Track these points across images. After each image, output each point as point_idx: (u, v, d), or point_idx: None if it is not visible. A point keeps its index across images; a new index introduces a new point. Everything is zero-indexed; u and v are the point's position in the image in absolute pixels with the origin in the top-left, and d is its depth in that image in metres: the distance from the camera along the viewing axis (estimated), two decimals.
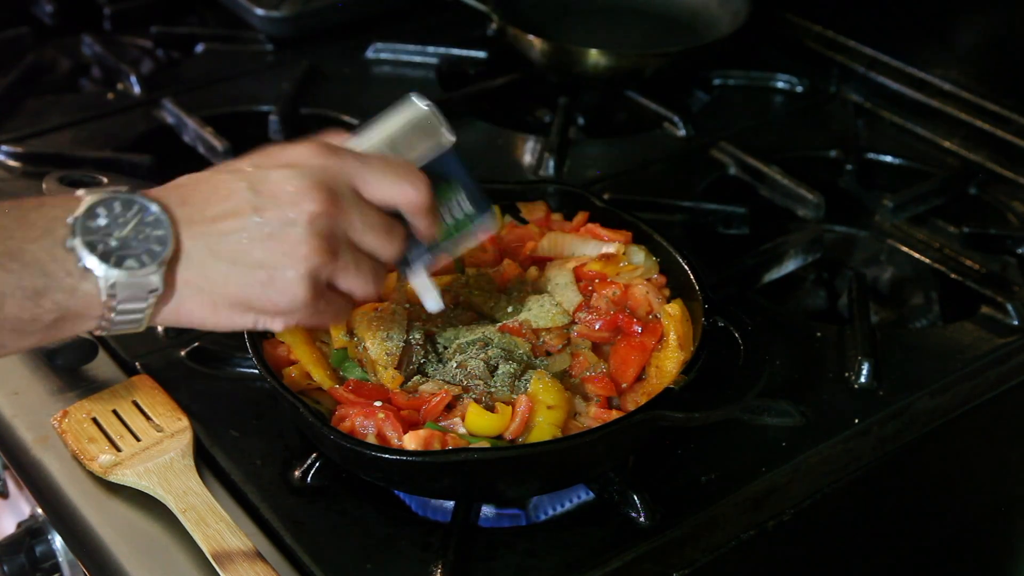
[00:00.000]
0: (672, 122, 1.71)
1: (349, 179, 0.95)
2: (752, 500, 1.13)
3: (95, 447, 1.13)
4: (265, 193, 0.92)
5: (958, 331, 1.34)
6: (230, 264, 0.92)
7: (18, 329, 0.87)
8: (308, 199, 0.91)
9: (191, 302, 0.93)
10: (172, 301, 0.92)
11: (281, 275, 0.92)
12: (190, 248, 0.91)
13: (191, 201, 0.92)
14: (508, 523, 1.12)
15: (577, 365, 1.13)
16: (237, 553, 1.01)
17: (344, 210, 0.94)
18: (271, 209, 0.91)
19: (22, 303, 0.86)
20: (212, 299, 0.93)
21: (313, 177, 0.92)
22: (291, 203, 0.91)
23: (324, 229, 0.92)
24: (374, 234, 0.97)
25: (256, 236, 0.91)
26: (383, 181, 0.97)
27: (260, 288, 0.92)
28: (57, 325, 0.89)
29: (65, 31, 1.98)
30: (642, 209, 1.46)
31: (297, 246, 0.91)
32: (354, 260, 0.96)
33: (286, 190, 0.92)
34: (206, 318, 0.94)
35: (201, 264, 0.91)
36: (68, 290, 0.87)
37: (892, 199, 1.54)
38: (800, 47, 1.88)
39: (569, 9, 1.93)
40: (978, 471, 1.41)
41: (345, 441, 1.01)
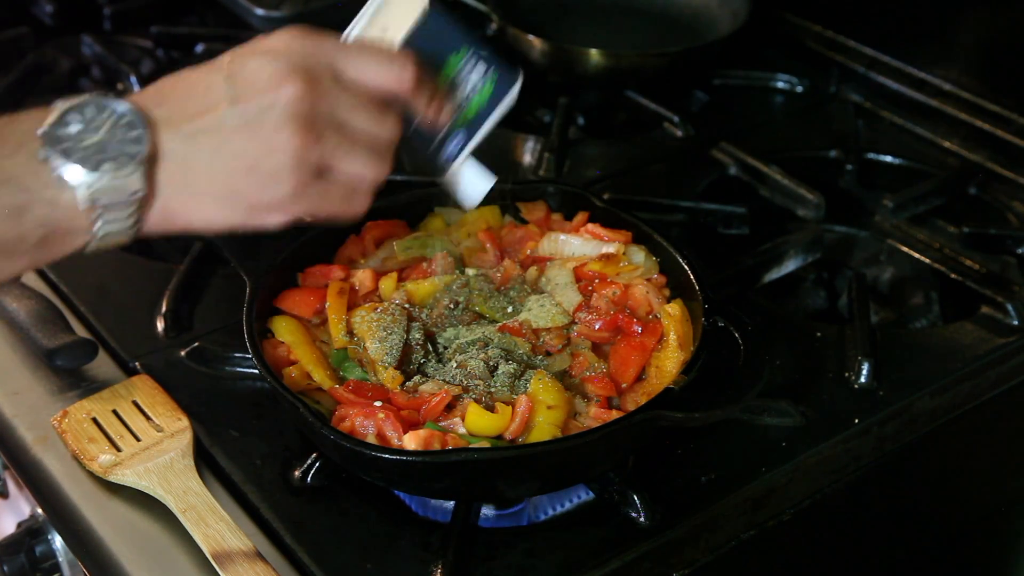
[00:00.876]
0: (672, 122, 1.71)
1: (329, 61, 0.93)
2: (752, 500, 1.13)
3: (95, 447, 1.13)
4: (241, 82, 0.89)
5: (958, 331, 1.34)
6: (211, 156, 0.89)
7: (5, 251, 0.85)
8: (285, 82, 0.89)
9: (176, 201, 0.90)
10: (158, 202, 0.89)
11: (264, 161, 0.90)
12: (169, 146, 0.88)
13: (168, 101, 0.90)
14: (508, 523, 1.12)
15: (577, 365, 1.13)
16: (237, 553, 1.01)
17: (325, 91, 0.91)
18: (248, 97, 0.89)
19: (4, 223, 0.83)
20: (198, 195, 0.90)
21: (290, 61, 0.90)
22: (267, 89, 0.89)
23: (304, 111, 0.89)
24: (364, 112, 0.94)
25: (235, 125, 0.89)
26: (363, 64, 0.94)
27: (245, 177, 0.90)
28: (46, 243, 0.86)
29: (65, 31, 1.97)
30: (642, 209, 1.46)
31: (277, 130, 0.89)
32: (346, 141, 0.93)
33: (262, 77, 0.89)
34: (194, 216, 0.91)
35: (182, 160, 0.89)
36: (49, 203, 0.84)
37: (892, 199, 1.54)
38: (800, 47, 1.88)
39: (569, 9, 1.93)
40: (978, 471, 1.41)
41: (345, 441, 1.01)
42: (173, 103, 0.90)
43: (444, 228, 1.30)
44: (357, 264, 1.25)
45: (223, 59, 0.93)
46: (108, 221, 0.87)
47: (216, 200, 0.91)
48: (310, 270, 1.22)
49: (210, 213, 0.92)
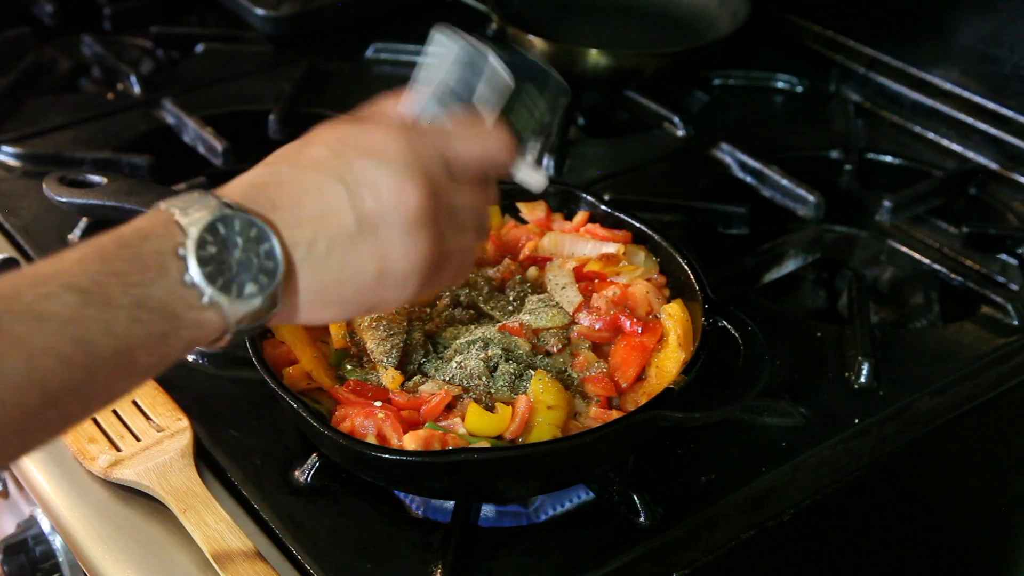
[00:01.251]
0: (672, 122, 1.71)
1: (438, 158, 0.91)
2: (752, 500, 1.13)
3: (95, 447, 1.13)
4: (359, 189, 0.87)
5: (958, 331, 1.34)
6: (340, 267, 0.88)
7: (150, 372, 0.84)
8: (407, 192, 0.87)
9: (306, 308, 0.89)
10: (287, 309, 0.89)
11: (393, 267, 0.89)
12: (299, 256, 0.87)
13: (282, 204, 0.87)
14: (508, 523, 1.12)
15: (577, 365, 1.13)
16: (237, 553, 1.01)
17: (443, 191, 0.90)
18: (370, 206, 0.87)
19: (152, 349, 0.81)
20: (325, 302, 0.90)
21: (406, 167, 0.88)
22: (392, 198, 0.87)
23: (429, 216, 0.89)
24: (472, 195, 0.94)
25: (361, 236, 0.87)
26: (470, 150, 0.94)
27: (374, 286, 0.89)
28: (183, 354, 0.85)
29: (65, 31, 1.98)
30: (642, 209, 1.45)
31: (405, 239, 0.88)
32: (458, 229, 0.93)
33: (382, 184, 0.87)
34: (319, 317, 0.91)
35: (311, 271, 0.87)
36: (195, 326, 0.83)
37: (892, 199, 1.54)
38: (800, 47, 1.88)
39: (569, 9, 1.93)
40: (978, 471, 1.41)
41: (345, 441, 1.01)
42: (288, 207, 0.87)
43: None
44: None
45: (321, 153, 0.89)
46: (242, 331, 0.86)
47: (344, 305, 0.91)
48: None
49: (331, 315, 0.92)
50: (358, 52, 1.90)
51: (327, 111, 1.72)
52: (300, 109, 1.73)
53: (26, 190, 1.54)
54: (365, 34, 1.92)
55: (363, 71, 1.88)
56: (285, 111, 1.70)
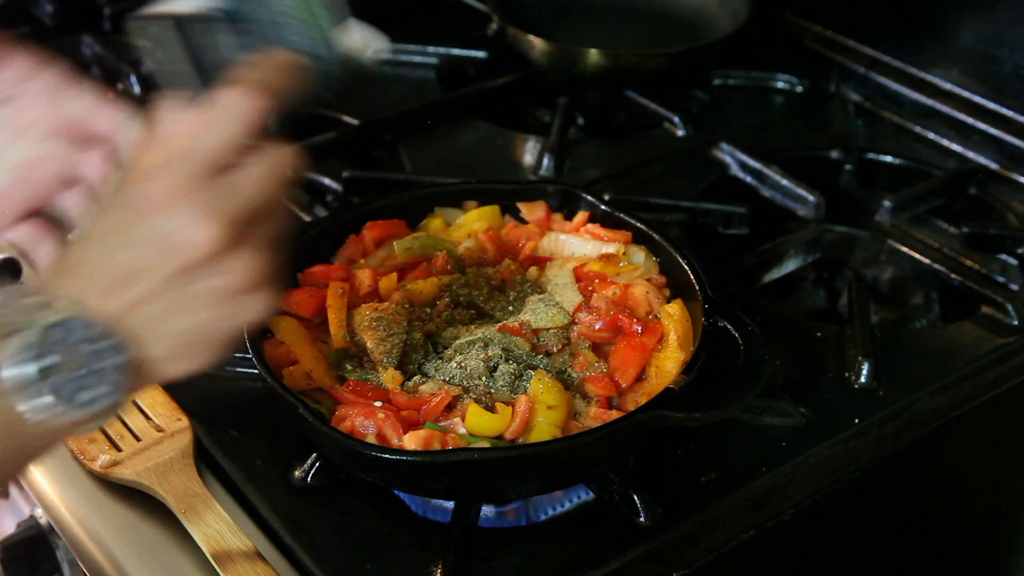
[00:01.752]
0: (672, 122, 1.71)
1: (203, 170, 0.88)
2: (752, 500, 1.13)
3: (95, 447, 1.13)
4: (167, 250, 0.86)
5: (958, 331, 1.34)
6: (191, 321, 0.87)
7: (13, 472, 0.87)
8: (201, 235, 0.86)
9: (168, 367, 0.89)
10: (149, 378, 0.89)
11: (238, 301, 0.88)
12: (140, 334, 0.86)
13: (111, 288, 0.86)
14: (508, 523, 1.12)
15: (577, 365, 1.13)
16: (237, 553, 1.01)
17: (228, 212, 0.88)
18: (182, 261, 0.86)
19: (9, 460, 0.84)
20: (189, 354, 0.89)
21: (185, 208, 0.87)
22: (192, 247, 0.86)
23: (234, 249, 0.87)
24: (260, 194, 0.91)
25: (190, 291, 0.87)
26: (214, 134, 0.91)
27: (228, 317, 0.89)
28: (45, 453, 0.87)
29: (65, 31, 1.97)
30: (642, 209, 1.46)
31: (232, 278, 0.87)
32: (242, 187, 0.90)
33: (180, 239, 0.86)
34: (190, 367, 0.90)
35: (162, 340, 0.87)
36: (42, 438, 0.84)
37: (892, 199, 1.54)
38: (800, 47, 1.88)
39: (569, 9, 1.93)
40: (978, 471, 1.41)
41: (345, 441, 1.01)
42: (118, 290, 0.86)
43: (444, 228, 1.30)
44: (357, 264, 1.25)
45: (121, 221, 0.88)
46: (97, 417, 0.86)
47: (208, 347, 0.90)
48: (310, 270, 1.22)
49: (203, 359, 0.90)
50: None
51: (326, 111, 1.72)
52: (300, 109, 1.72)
53: None
54: None
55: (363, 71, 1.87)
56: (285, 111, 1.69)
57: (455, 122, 1.72)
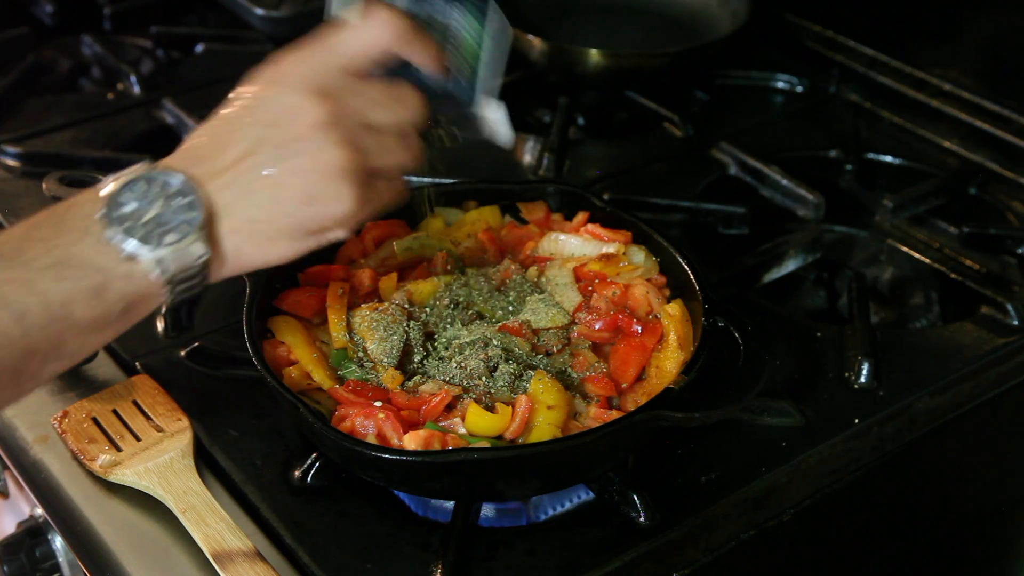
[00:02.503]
0: (672, 122, 1.71)
1: (327, 65, 0.95)
2: (752, 500, 1.13)
3: (95, 447, 1.13)
4: (265, 122, 0.92)
5: (958, 331, 1.34)
6: (268, 200, 0.92)
7: (95, 328, 0.88)
8: (305, 109, 0.92)
9: (246, 247, 0.93)
10: (228, 252, 0.93)
11: (320, 189, 0.92)
12: (223, 201, 0.91)
13: (204, 159, 0.92)
14: (508, 523, 1.12)
15: (577, 365, 1.13)
16: (237, 553, 1.01)
17: (343, 101, 0.94)
18: (277, 134, 0.92)
19: (89, 303, 0.87)
20: (265, 237, 0.94)
21: (299, 85, 0.93)
22: (292, 120, 0.92)
23: (337, 128, 0.92)
24: (383, 107, 0.96)
25: (279, 165, 0.92)
26: (350, 38, 0.97)
27: (307, 209, 0.93)
28: (128, 312, 0.90)
29: (65, 31, 1.97)
30: (642, 209, 1.46)
31: (319, 157, 0.92)
32: (379, 141, 0.96)
33: (282, 110, 0.92)
34: (267, 255, 0.95)
35: (240, 212, 0.92)
36: (125, 278, 0.88)
37: (892, 199, 1.54)
38: (800, 47, 1.88)
39: (569, 9, 1.93)
40: (978, 471, 1.41)
41: (345, 441, 1.01)
42: (209, 160, 0.93)
43: (444, 228, 1.30)
44: (357, 264, 1.25)
45: (235, 104, 0.95)
46: (181, 280, 0.91)
47: (286, 237, 0.94)
48: (310, 270, 1.22)
49: (280, 250, 0.95)
50: None
51: None
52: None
53: (26, 190, 1.54)
54: None
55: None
56: None
57: None
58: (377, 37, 0.97)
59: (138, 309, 0.91)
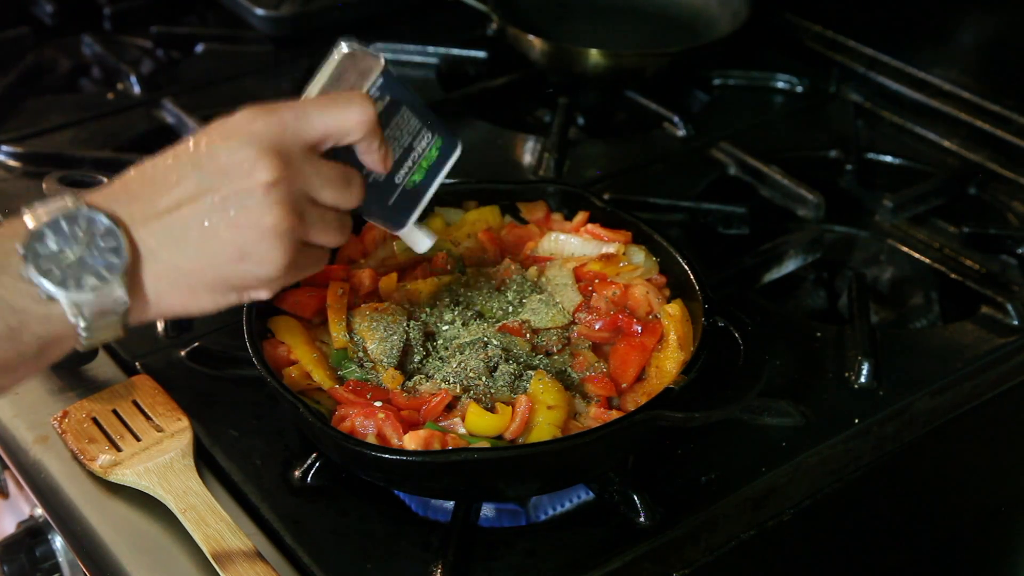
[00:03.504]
0: (672, 122, 1.71)
1: (292, 132, 0.93)
2: (752, 500, 1.13)
3: (95, 447, 1.13)
4: (214, 171, 0.89)
5: (958, 331, 1.34)
6: (198, 250, 0.90)
7: (7, 369, 0.87)
8: (259, 167, 0.89)
9: (167, 296, 0.91)
10: (150, 299, 0.91)
11: (254, 248, 0.90)
12: (150, 246, 0.89)
13: (138, 197, 0.90)
14: (508, 523, 1.12)
15: (577, 365, 1.13)
16: (237, 553, 1.01)
17: (297, 170, 0.92)
18: (224, 186, 0.89)
19: (2, 344, 0.85)
20: (189, 288, 0.91)
21: (259, 143, 0.90)
22: (243, 175, 0.89)
23: (283, 194, 0.90)
24: (332, 187, 0.95)
25: (217, 216, 0.89)
26: (324, 114, 0.95)
27: (236, 266, 0.91)
28: (42, 354, 0.88)
29: (65, 31, 1.98)
30: (642, 209, 1.46)
31: (262, 217, 0.89)
32: (319, 216, 0.95)
33: (234, 163, 0.89)
34: (188, 306, 0.93)
35: (167, 259, 0.90)
36: (42, 320, 0.86)
37: (892, 199, 1.54)
38: (800, 47, 1.88)
39: (569, 9, 1.93)
40: (978, 471, 1.41)
41: (345, 441, 1.01)
42: (144, 199, 0.90)
43: (444, 228, 1.30)
44: (357, 264, 1.25)
45: (185, 147, 0.92)
46: (98, 327, 0.89)
47: (209, 290, 0.93)
48: None
49: (201, 303, 0.94)
50: None
51: None
52: None
53: (26, 190, 1.54)
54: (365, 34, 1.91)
55: None
56: None
57: (455, 122, 1.72)
58: (349, 126, 0.96)
59: (52, 351, 0.89)
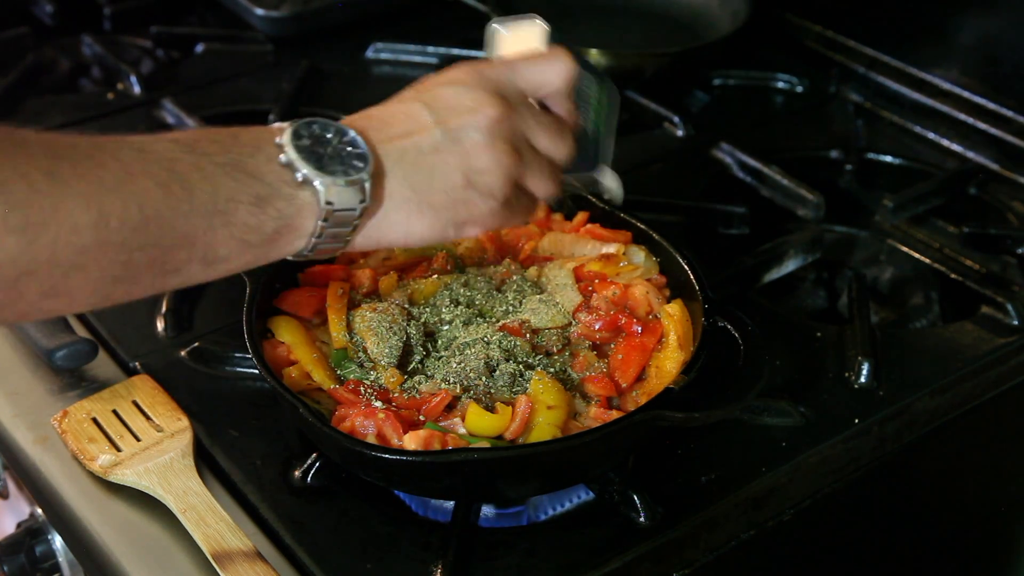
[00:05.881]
0: (672, 122, 1.71)
1: (509, 80, 1.01)
2: (752, 500, 1.13)
3: (95, 447, 1.13)
4: (442, 109, 0.97)
5: (958, 331, 1.34)
6: (430, 173, 0.96)
7: (244, 238, 0.89)
8: (485, 106, 0.97)
9: (396, 212, 0.97)
10: (378, 213, 0.96)
11: (478, 177, 0.97)
12: (389, 163, 0.96)
13: (375, 126, 0.97)
14: (508, 523, 1.12)
15: (577, 365, 1.13)
16: (237, 553, 1.01)
17: (518, 112, 1.00)
18: (453, 120, 0.97)
19: (250, 209, 0.88)
20: (417, 207, 0.97)
21: (482, 86, 0.98)
22: (470, 112, 0.97)
23: (506, 132, 0.98)
24: (547, 133, 1.03)
25: (447, 145, 0.96)
26: (533, 66, 1.03)
27: (462, 192, 0.97)
28: (275, 238, 0.91)
29: (65, 31, 1.97)
30: (642, 209, 1.45)
31: (486, 149, 0.97)
32: (535, 159, 1.02)
33: (462, 103, 0.97)
34: (412, 228, 0.98)
35: (403, 175, 0.96)
36: (289, 198, 0.90)
37: (892, 199, 1.54)
38: (800, 47, 1.88)
39: (569, 9, 1.93)
40: (978, 471, 1.41)
41: (345, 441, 1.01)
42: (383, 128, 0.97)
43: None
44: (357, 264, 1.25)
45: (411, 94, 1.00)
46: (332, 226, 0.93)
47: (435, 214, 0.98)
48: (310, 270, 1.22)
49: (425, 226, 0.98)
50: (358, 52, 1.90)
51: (327, 111, 1.72)
52: (300, 109, 1.73)
53: None
54: (365, 34, 1.92)
55: (363, 71, 1.87)
56: (285, 111, 1.70)
57: None
58: (556, 78, 1.04)
59: (283, 240, 0.92)
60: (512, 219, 1.04)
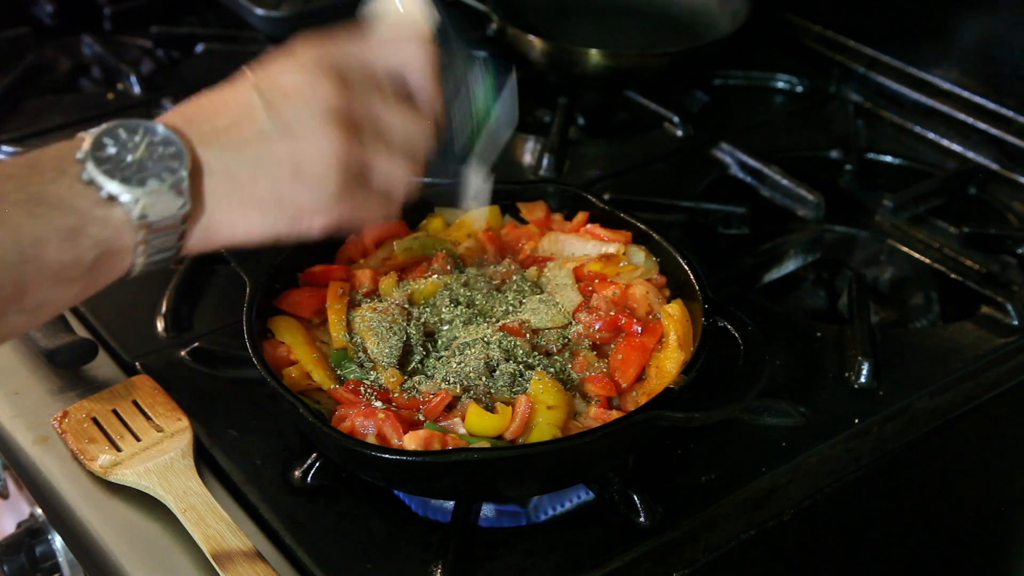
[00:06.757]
0: (672, 122, 1.71)
1: (358, 61, 0.94)
2: (752, 500, 1.13)
3: (95, 447, 1.13)
4: (273, 91, 0.90)
5: (958, 331, 1.34)
6: (254, 165, 0.89)
7: (62, 277, 0.84)
8: (317, 85, 0.90)
9: (221, 213, 0.89)
10: (203, 217, 0.89)
11: (309, 164, 0.90)
12: (210, 160, 0.88)
13: (198, 119, 0.90)
14: (508, 523, 1.12)
15: (577, 365, 1.13)
16: (237, 553, 1.01)
17: (357, 90, 0.92)
18: (282, 105, 0.90)
19: (61, 245, 0.82)
20: (242, 203, 0.90)
21: (317, 64, 0.91)
22: (300, 93, 0.90)
23: (341, 110, 0.90)
24: (397, 111, 0.95)
25: (274, 133, 0.89)
26: (388, 52, 0.95)
27: (290, 181, 0.90)
28: (98, 266, 0.85)
29: (65, 31, 1.97)
30: (642, 209, 1.46)
31: (317, 132, 0.89)
32: (383, 139, 0.94)
33: (293, 83, 0.90)
34: (239, 228, 0.91)
35: (224, 171, 0.89)
36: (101, 222, 0.84)
37: (892, 199, 1.54)
38: (800, 47, 1.88)
39: (569, 9, 1.93)
40: (978, 471, 1.41)
41: (345, 441, 1.01)
42: (204, 121, 0.90)
43: (444, 228, 1.30)
44: (357, 264, 1.25)
45: (243, 75, 0.93)
46: (156, 238, 0.87)
47: (262, 208, 0.91)
48: (310, 270, 1.22)
49: (255, 223, 0.91)
50: None
51: None
52: None
53: None
54: None
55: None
56: None
57: None
58: (408, 60, 0.96)
59: (108, 265, 0.86)
60: (358, 213, 0.95)
